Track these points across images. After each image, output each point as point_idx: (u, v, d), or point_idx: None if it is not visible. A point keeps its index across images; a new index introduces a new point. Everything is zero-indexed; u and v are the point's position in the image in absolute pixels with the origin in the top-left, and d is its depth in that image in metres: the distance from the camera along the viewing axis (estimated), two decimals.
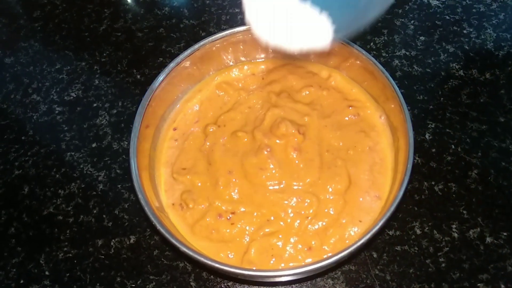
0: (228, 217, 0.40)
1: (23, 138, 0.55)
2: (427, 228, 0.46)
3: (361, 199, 0.40)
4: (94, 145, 0.54)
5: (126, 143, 0.53)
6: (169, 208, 0.42)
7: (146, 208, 0.36)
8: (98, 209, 0.50)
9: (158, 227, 0.35)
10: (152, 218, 0.36)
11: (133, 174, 0.38)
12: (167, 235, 0.35)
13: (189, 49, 0.44)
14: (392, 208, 0.35)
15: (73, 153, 0.53)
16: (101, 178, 0.51)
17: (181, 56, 0.44)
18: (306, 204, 0.40)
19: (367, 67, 0.43)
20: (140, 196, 0.37)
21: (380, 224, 0.34)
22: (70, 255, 0.47)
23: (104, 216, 0.49)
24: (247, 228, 0.39)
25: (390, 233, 0.46)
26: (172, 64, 0.44)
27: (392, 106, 0.42)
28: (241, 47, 0.47)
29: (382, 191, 0.41)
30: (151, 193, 0.40)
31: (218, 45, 0.45)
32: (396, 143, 0.42)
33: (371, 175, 0.41)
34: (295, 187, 0.41)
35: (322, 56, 0.47)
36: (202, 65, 0.47)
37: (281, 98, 0.46)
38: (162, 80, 0.43)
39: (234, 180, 0.41)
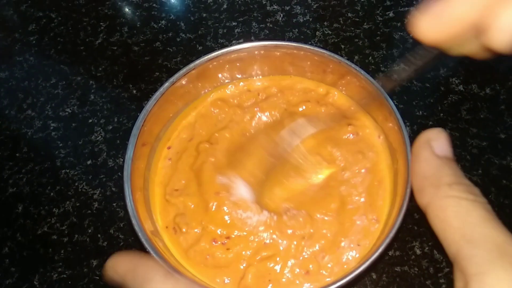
0: (224, 242, 0.39)
1: (17, 155, 0.54)
2: (427, 248, 0.45)
3: (358, 222, 0.40)
4: (89, 162, 0.53)
5: (122, 160, 0.52)
6: (163, 231, 0.41)
7: (140, 234, 0.35)
8: (93, 228, 0.49)
9: (152, 253, 0.34)
10: (146, 245, 0.35)
11: (127, 198, 0.37)
12: (161, 262, 0.34)
13: (184, 68, 0.44)
14: (392, 234, 0.34)
15: (68, 170, 0.52)
16: (96, 196, 0.51)
17: (177, 75, 0.43)
18: (301, 225, 0.39)
19: (364, 85, 0.43)
20: (134, 221, 0.36)
21: (379, 250, 0.33)
22: (65, 275, 0.47)
23: (99, 235, 0.48)
24: (243, 252, 0.38)
25: (390, 253, 0.45)
26: (167, 84, 0.43)
27: (390, 125, 0.41)
28: (238, 64, 0.46)
29: (380, 214, 0.40)
30: (145, 216, 0.39)
31: (215, 63, 0.45)
32: (395, 165, 0.41)
33: (369, 197, 0.41)
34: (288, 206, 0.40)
35: (319, 73, 0.47)
36: (198, 82, 0.46)
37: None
38: (157, 100, 0.43)
39: (226, 202, 0.40)
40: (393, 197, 0.40)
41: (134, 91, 0.58)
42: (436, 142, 0.34)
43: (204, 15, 0.63)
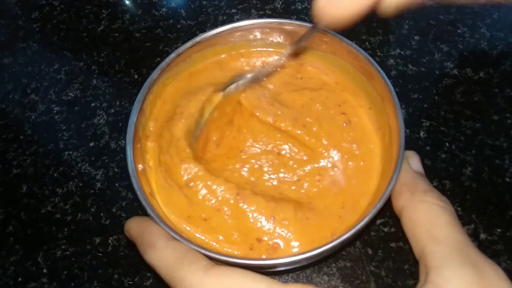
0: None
1: (21, 137, 0.55)
2: None
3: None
4: (92, 144, 0.54)
5: (124, 142, 0.54)
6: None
7: (138, 193, 0.36)
8: (96, 207, 0.50)
9: (148, 211, 0.35)
10: (144, 203, 0.36)
11: (128, 158, 0.38)
12: (162, 226, 0.35)
13: (189, 42, 0.45)
14: (379, 205, 0.35)
15: (71, 152, 0.54)
16: (98, 177, 0.52)
17: (182, 48, 0.44)
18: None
19: (365, 67, 0.43)
20: (133, 180, 0.37)
21: (365, 219, 0.34)
22: (68, 253, 0.48)
23: (101, 214, 0.49)
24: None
25: (385, 229, 0.46)
26: (173, 55, 0.44)
27: (387, 106, 0.42)
28: (243, 37, 0.48)
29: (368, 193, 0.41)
30: (145, 179, 0.40)
31: (220, 36, 0.46)
32: (387, 143, 0.42)
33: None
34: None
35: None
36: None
37: None
38: (163, 69, 0.44)
39: None
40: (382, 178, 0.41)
41: (136, 76, 0.59)
42: (411, 159, 0.39)
43: (204, 2, 0.64)
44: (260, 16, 0.62)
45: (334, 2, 0.27)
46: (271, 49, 0.49)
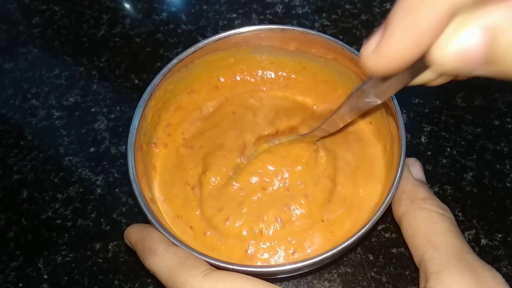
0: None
1: (22, 143, 0.55)
2: None
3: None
4: (92, 149, 0.54)
5: (124, 147, 0.53)
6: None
7: (139, 199, 0.36)
8: (96, 213, 0.50)
9: (149, 217, 0.35)
10: (144, 209, 0.36)
11: (130, 165, 0.38)
12: (157, 226, 0.35)
13: (192, 47, 0.45)
14: (378, 215, 0.35)
15: (71, 158, 0.54)
16: (99, 182, 0.52)
17: (184, 54, 0.45)
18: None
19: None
20: (134, 186, 0.37)
21: (368, 224, 0.34)
22: (68, 258, 0.48)
23: (102, 220, 0.49)
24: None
25: (386, 235, 0.46)
26: (175, 61, 0.44)
27: (388, 111, 0.42)
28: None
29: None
30: (146, 185, 0.40)
31: (222, 43, 0.46)
32: (389, 150, 0.42)
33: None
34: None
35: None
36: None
37: None
38: (165, 75, 0.44)
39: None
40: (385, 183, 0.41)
41: (136, 81, 0.59)
42: (412, 167, 0.40)
43: (205, 7, 0.64)
44: (261, 21, 0.62)
45: (381, 51, 0.23)
46: (270, 54, 0.49)
